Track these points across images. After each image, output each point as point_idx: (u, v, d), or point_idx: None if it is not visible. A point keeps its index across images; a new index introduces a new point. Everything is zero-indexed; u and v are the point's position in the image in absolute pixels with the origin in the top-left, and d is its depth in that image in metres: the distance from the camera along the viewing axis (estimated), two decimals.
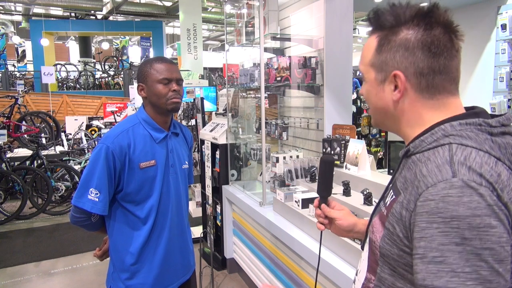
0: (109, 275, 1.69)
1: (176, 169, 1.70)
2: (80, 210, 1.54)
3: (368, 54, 0.83)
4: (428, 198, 0.67)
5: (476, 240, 0.63)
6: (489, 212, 0.64)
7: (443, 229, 0.65)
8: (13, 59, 16.48)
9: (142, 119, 1.63)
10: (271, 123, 3.26)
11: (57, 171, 5.75)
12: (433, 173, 0.69)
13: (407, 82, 0.78)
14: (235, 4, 3.59)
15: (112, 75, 14.53)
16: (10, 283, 3.56)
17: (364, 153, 2.36)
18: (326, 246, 1.98)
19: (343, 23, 2.75)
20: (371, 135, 6.41)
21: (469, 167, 0.67)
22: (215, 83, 12.99)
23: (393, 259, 0.77)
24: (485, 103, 4.01)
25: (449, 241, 0.64)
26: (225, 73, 4.15)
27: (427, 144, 0.76)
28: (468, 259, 0.63)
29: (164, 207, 1.65)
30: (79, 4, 12.16)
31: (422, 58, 0.76)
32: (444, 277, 0.64)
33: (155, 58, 1.64)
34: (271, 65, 2.99)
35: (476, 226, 0.63)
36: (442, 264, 0.64)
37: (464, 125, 0.74)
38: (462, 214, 0.64)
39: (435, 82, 0.77)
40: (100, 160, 1.51)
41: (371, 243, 0.86)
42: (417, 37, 0.76)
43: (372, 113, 0.89)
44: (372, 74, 0.83)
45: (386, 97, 0.82)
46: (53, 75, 8.21)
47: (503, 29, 3.81)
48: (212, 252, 3.34)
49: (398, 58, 0.78)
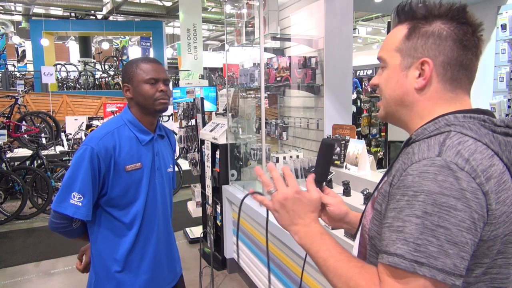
0: (91, 284, 1.59)
1: (162, 172, 1.65)
2: (61, 215, 1.46)
3: (395, 41, 0.83)
4: (409, 172, 0.70)
5: (435, 217, 0.65)
6: (459, 196, 0.65)
7: (411, 201, 0.67)
8: (13, 59, 16.46)
9: (128, 120, 1.57)
10: (271, 123, 3.26)
11: (57, 171, 5.74)
12: (422, 151, 0.72)
13: (434, 71, 0.78)
14: (235, 4, 3.59)
15: (112, 75, 14.51)
16: (10, 283, 3.56)
17: (364, 153, 2.36)
18: None
19: (343, 23, 2.75)
20: (371, 135, 6.42)
21: (458, 150, 0.68)
22: (215, 83, 13.00)
23: (379, 239, 0.77)
24: (485, 103, 4.01)
25: (412, 213, 0.66)
26: (225, 73, 4.15)
27: (428, 132, 0.77)
28: (422, 232, 0.65)
29: (150, 211, 1.59)
30: (79, 4, 12.15)
31: (453, 48, 0.77)
32: (397, 244, 0.67)
33: (141, 58, 1.59)
34: (271, 65, 2.99)
35: (440, 204, 0.65)
36: (401, 233, 0.67)
37: (468, 118, 0.75)
38: (431, 190, 0.66)
39: (459, 75, 0.78)
40: (84, 163, 1.44)
41: (363, 228, 0.87)
42: (451, 28, 0.77)
43: (385, 103, 0.87)
44: (398, 59, 0.82)
45: (408, 84, 0.81)
46: (53, 75, 8.21)
47: (503, 29, 3.80)
48: (212, 252, 3.34)
49: (429, 45, 0.78)
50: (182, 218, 4.93)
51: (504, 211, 0.68)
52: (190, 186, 4.93)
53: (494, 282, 0.72)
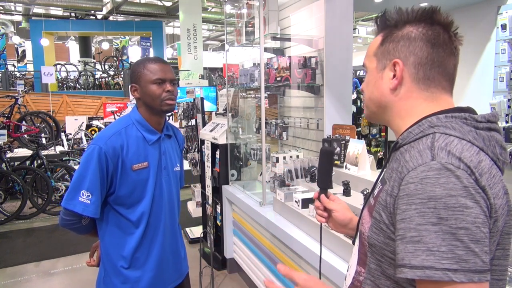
0: (100, 279, 1.66)
1: (169, 171, 1.68)
2: (70, 212, 1.50)
3: (373, 48, 0.89)
4: (409, 181, 0.70)
5: (452, 220, 0.64)
6: (465, 193, 0.65)
7: (420, 209, 0.67)
8: (13, 59, 16.47)
9: (136, 120, 1.61)
10: (271, 123, 3.26)
11: (57, 171, 5.75)
12: (415, 158, 0.73)
13: (405, 71, 0.82)
14: (235, 4, 3.59)
15: (112, 75, 14.52)
16: (10, 283, 3.56)
17: (364, 153, 2.36)
18: (326, 246, 1.98)
19: (343, 23, 2.75)
20: (371, 135, 6.42)
21: (449, 151, 0.70)
22: (215, 83, 12.99)
23: (380, 247, 0.78)
24: (485, 103, 4.01)
25: (426, 221, 0.66)
26: (225, 73, 4.15)
27: (414, 135, 0.79)
28: (444, 238, 0.64)
29: (157, 210, 1.62)
30: (79, 4, 12.16)
31: (422, 47, 0.80)
32: (420, 255, 0.65)
33: (148, 58, 1.61)
34: (271, 65, 2.99)
35: (452, 206, 0.65)
36: (419, 243, 0.66)
37: (450, 118, 0.77)
38: (438, 194, 0.66)
39: (431, 74, 0.81)
40: (93, 162, 1.48)
41: (361, 235, 0.88)
42: (419, 30, 0.81)
43: (366, 104, 0.92)
44: (374, 63, 0.88)
45: (383, 85, 0.85)
46: (53, 75, 8.20)
47: (503, 29, 3.81)
48: (212, 252, 3.34)
49: (399, 48, 0.83)
50: (182, 218, 4.87)
51: (500, 204, 0.70)
52: (190, 186, 4.93)
53: (494, 274, 0.73)
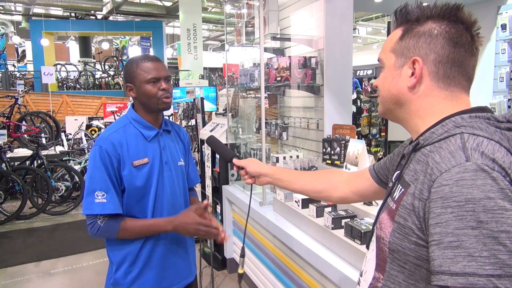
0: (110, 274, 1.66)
1: (170, 166, 1.68)
2: (91, 216, 1.50)
3: (391, 42, 0.86)
4: (442, 183, 0.67)
5: (492, 223, 0.61)
6: (502, 195, 0.63)
7: (458, 213, 0.64)
8: (13, 59, 16.45)
9: (132, 118, 1.62)
10: (271, 123, 3.26)
11: (57, 171, 5.75)
12: (447, 159, 0.69)
13: (425, 69, 0.80)
14: (235, 4, 3.59)
15: (112, 75, 14.52)
16: (10, 283, 3.56)
17: (364, 153, 2.36)
18: (326, 246, 1.99)
19: (343, 23, 2.75)
20: (371, 135, 6.42)
21: (482, 152, 0.67)
22: (215, 83, 13.00)
23: (403, 253, 0.76)
24: (485, 103, 4.01)
25: (465, 225, 0.63)
26: (225, 73, 4.15)
27: (437, 135, 0.77)
28: (485, 243, 0.61)
29: (159, 205, 1.63)
30: (79, 4, 12.15)
31: (443, 45, 0.78)
32: (461, 262, 0.62)
33: (140, 57, 1.60)
34: (271, 65, 2.99)
35: (491, 209, 0.62)
36: (458, 248, 0.63)
37: (474, 118, 0.75)
38: (476, 196, 0.63)
39: (451, 73, 0.79)
40: (97, 162, 1.50)
41: (379, 241, 0.85)
42: (442, 27, 0.79)
43: (382, 101, 0.89)
44: (392, 59, 0.85)
45: (401, 83, 0.83)
46: (53, 75, 8.20)
47: (503, 29, 3.80)
48: (212, 252, 3.34)
49: (420, 44, 0.80)
50: None
51: None
52: None
53: None
